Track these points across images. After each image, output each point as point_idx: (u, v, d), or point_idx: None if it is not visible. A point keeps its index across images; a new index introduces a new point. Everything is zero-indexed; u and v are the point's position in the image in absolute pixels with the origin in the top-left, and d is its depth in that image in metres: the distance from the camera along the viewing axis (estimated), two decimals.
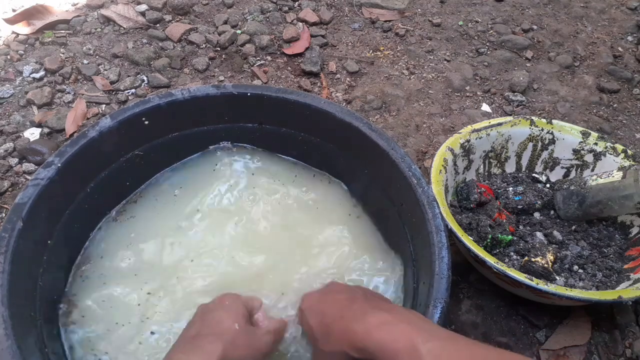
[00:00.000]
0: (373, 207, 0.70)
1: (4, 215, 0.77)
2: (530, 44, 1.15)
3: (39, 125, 0.90)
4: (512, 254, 0.70)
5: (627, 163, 0.75)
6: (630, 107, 1.04)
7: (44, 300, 0.54)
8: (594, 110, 1.03)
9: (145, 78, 1.00)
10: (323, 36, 1.13)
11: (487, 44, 1.16)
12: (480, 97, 1.03)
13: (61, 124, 0.90)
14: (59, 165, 0.57)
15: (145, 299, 0.59)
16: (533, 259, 0.66)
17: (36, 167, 0.83)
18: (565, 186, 0.75)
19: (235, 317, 0.49)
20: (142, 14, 1.13)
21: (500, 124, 0.78)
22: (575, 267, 0.69)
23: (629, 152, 0.76)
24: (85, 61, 1.02)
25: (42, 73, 0.99)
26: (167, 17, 1.14)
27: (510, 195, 0.76)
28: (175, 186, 0.71)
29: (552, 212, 0.76)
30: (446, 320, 0.64)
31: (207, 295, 0.58)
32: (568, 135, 0.79)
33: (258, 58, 1.07)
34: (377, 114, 0.98)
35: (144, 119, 0.65)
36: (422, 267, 0.57)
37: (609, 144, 0.77)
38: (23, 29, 1.08)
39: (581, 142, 0.78)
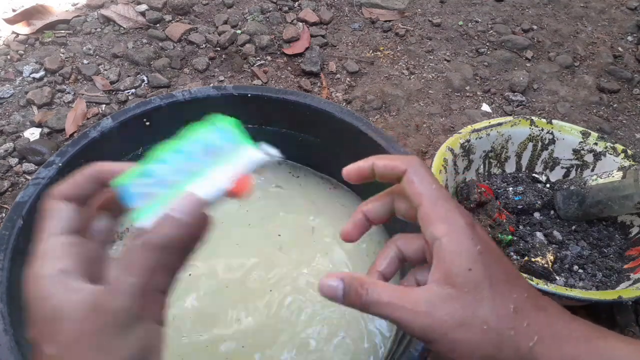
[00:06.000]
0: None
1: (4, 215, 0.77)
2: (530, 44, 1.15)
3: (39, 125, 0.90)
4: (512, 254, 0.70)
5: (627, 163, 0.75)
6: (630, 107, 1.05)
7: None
8: (594, 110, 1.03)
9: (145, 78, 1.00)
10: (323, 36, 1.13)
11: (487, 44, 1.16)
12: (480, 97, 1.03)
13: (61, 124, 0.90)
14: (60, 164, 0.57)
15: None
16: (533, 259, 0.66)
17: (36, 167, 0.83)
18: (565, 186, 0.75)
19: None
20: (142, 14, 1.13)
21: (500, 124, 0.78)
22: (575, 267, 0.69)
23: (629, 152, 0.76)
24: (85, 61, 1.02)
25: (42, 73, 0.99)
26: (167, 17, 1.14)
27: (510, 195, 0.76)
28: None
29: (552, 212, 0.76)
30: None
31: None
32: (568, 135, 0.79)
33: (258, 58, 1.07)
34: (377, 114, 0.98)
35: (145, 119, 0.65)
36: None
37: (609, 144, 0.77)
38: (23, 29, 1.08)
39: (581, 142, 0.78)
